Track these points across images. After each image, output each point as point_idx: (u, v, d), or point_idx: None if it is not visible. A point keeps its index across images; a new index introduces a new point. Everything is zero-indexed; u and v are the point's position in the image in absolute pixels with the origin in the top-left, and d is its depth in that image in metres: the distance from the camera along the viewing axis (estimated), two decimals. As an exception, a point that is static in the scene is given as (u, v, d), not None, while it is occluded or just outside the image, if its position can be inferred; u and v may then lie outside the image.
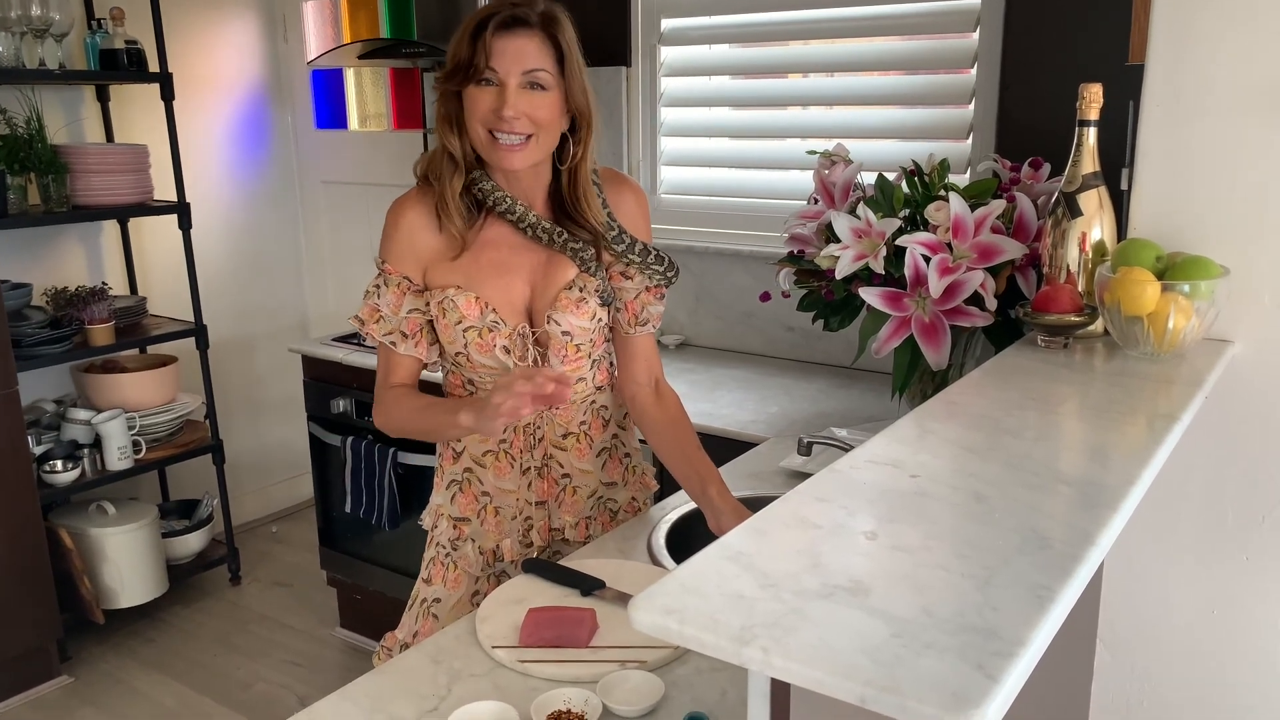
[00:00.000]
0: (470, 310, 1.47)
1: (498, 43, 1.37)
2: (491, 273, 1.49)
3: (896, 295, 1.65)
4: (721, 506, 1.50)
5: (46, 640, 2.92)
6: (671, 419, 1.62)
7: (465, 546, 1.60)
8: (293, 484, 4.08)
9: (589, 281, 1.51)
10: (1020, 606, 0.73)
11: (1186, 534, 1.43)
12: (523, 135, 1.39)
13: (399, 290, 1.50)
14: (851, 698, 0.64)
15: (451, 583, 1.60)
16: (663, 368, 1.67)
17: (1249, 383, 1.35)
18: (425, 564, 1.65)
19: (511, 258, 1.50)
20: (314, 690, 2.91)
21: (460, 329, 1.48)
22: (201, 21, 3.59)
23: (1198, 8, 1.31)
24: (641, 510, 1.71)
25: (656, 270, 1.56)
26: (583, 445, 1.60)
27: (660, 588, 0.75)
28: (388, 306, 1.50)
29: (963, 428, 1.10)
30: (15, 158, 2.88)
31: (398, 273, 1.50)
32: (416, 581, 1.65)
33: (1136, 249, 1.33)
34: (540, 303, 1.51)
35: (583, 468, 1.61)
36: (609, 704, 1.14)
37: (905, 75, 2.56)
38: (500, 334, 1.49)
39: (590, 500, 1.63)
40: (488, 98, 1.38)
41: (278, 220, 3.94)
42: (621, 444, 1.67)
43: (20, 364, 2.78)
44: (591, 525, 1.64)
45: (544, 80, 1.39)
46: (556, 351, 1.52)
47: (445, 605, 1.59)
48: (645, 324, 1.59)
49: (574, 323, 1.51)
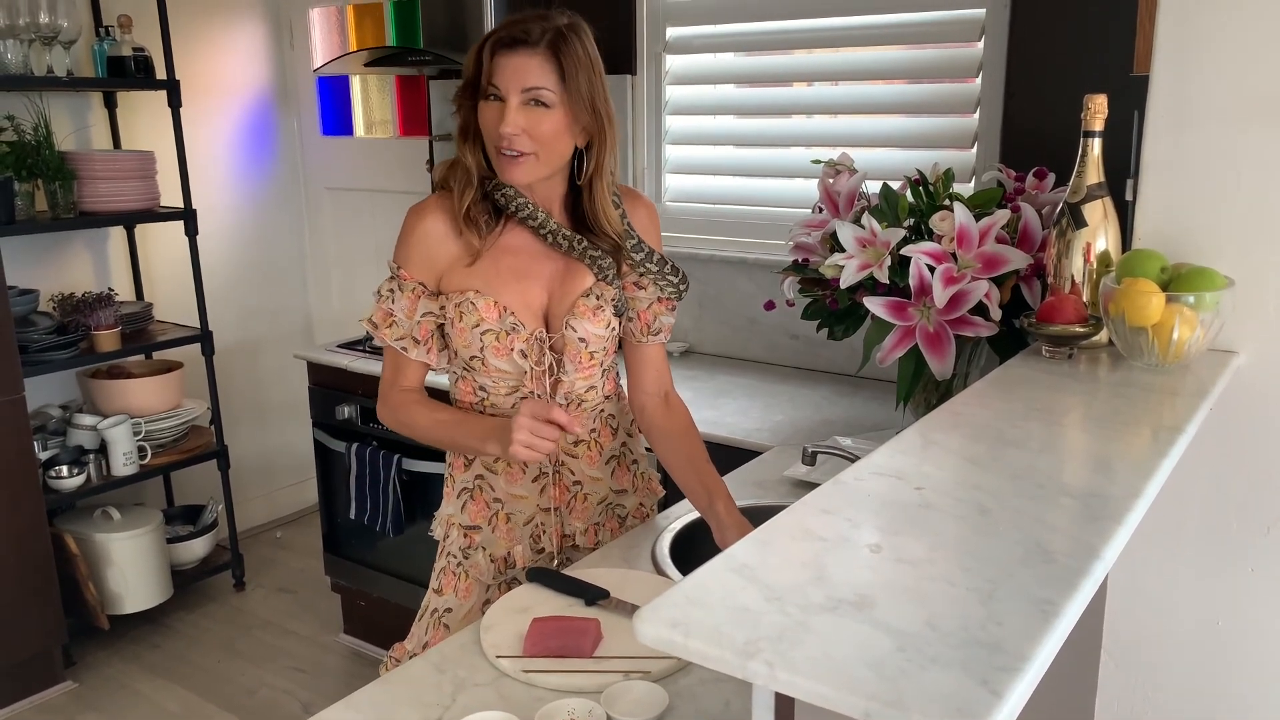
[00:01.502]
0: (489, 313, 1.49)
1: (498, 61, 1.39)
2: (510, 278, 1.50)
3: (901, 305, 1.65)
4: (728, 523, 1.51)
5: (51, 645, 2.93)
6: (681, 430, 1.65)
7: (476, 554, 1.60)
8: (297, 490, 4.09)
9: (606, 290, 1.53)
10: (1024, 620, 0.73)
11: (1191, 545, 1.42)
12: (521, 151, 1.41)
13: (413, 295, 1.51)
14: (856, 712, 0.64)
15: (463, 592, 1.60)
16: (672, 379, 1.69)
17: (1254, 394, 1.35)
18: (436, 574, 1.65)
19: (530, 264, 1.52)
20: (317, 697, 2.91)
21: (478, 332, 1.49)
22: (208, 29, 3.60)
23: (1203, 18, 1.31)
24: (649, 516, 1.72)
25: (670, 281, 1.59)
26: (593, 452, 1.62)
27: (665, 600, 0.75)
28: (402, 311, 1.52)
29: (967, 439, 1.10)
30: (23, 164, 2.89)
31: (413, 278, 1.51)
32: (427, 592, 1.65)
33: (1141, 260, 1.33)
34: (557, 309, 1.53)
35: (593, 475, 1.62)
36: (613, 714, 1.14)
37: (910, 84, 2.56)
38: (519, 337, 1.50)
39: (600, 506, 1.64)
40: (493, 113, 1.41)
41: (283, 226, 3.95)
42: (629, 451, 1.69)
43: (27, 369, 2.79)
44: (600, 531, 1.65)
45: (545, 98, 1.40)
46: (572, 358, 1.54)
47: (457, 615, 1.60)
48: (657, 334, 1.62)
49: (590, 330, 1.52)
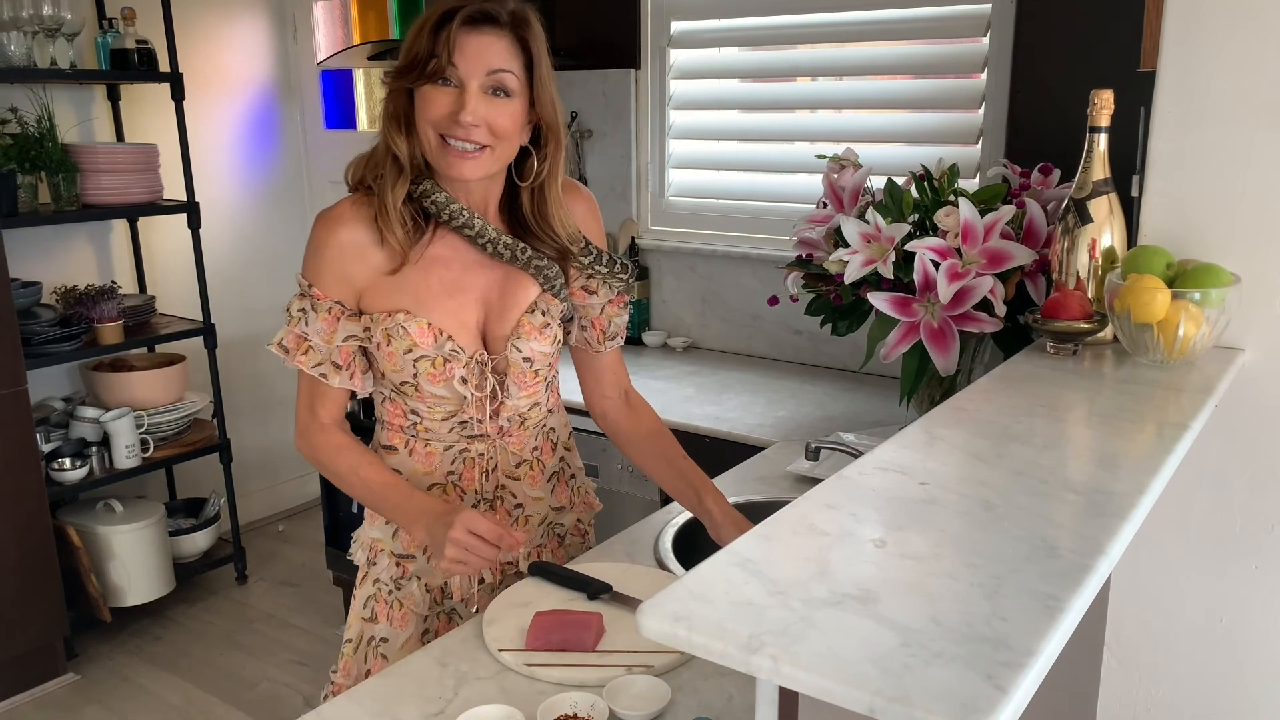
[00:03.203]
0: (423, 338, 1.34)
1: (463, 38, 1.24)
2: (442, 294, 1.35)
3: (905, 300, 1.65)
4: (720, 519, 1.45)
5: (53, 638, 2.93)
6: (650, 430, 1.55)
7: (410, 585, 1.47)
8: (299, 483, 4.09)
9: (551, 303, 1.41)
10: (1029, 616, 0.73)
11: (1195, 542, 1.42)
12: (479, 144, 1.27)
13: (330, 316, 1.35)
14: (860, 707, 0.64)
15: (398, 621, 1.47)
16: (629, 377, 1.59)
17: (1259, 391, 1.35)
18: (364, 600, 1.49)
19: (464, 276, 1.37)
20: (319, 690, 2.90)
21: (410, 358, 1.35)
22: (212, 22, 3.60)
23: (1210, 15, 1.30)
24: (587, 532, 1.62)
25: (620, 279, 1.48)
26: (535, 472, 1.51)
27: (668, 594, 0.75)
28: (318, 335, 1.35)
29: (971, 434, 1.10)
30: (26, 156, 2.89)
31: (328, 297, 1.35)
32: (351, 617, 1.51)
33: (1147, 256, 1.33)
34: (497, 326, 1.39)
35: (534, 495, 1.51)
36: (615, 708, 1.14)
37: (915, 80, 2.55)
38: (458, 363, 1.36)
39: (541, 527, 1.54)
40: (445, 99, 1.26)
41: (286, 220, 3.95)
42: (568, 465, 1.58)
43: (29, 362, 2.79)
44: (542, 554, 1.55)
45: (509, 84, 1.27)
46: (515, 379, 1.41)
47: (394, 644, 1.47)
48: (614, 338, 1.51)
49: (536, 349, 1.40)
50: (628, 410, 1.57)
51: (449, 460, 1.45)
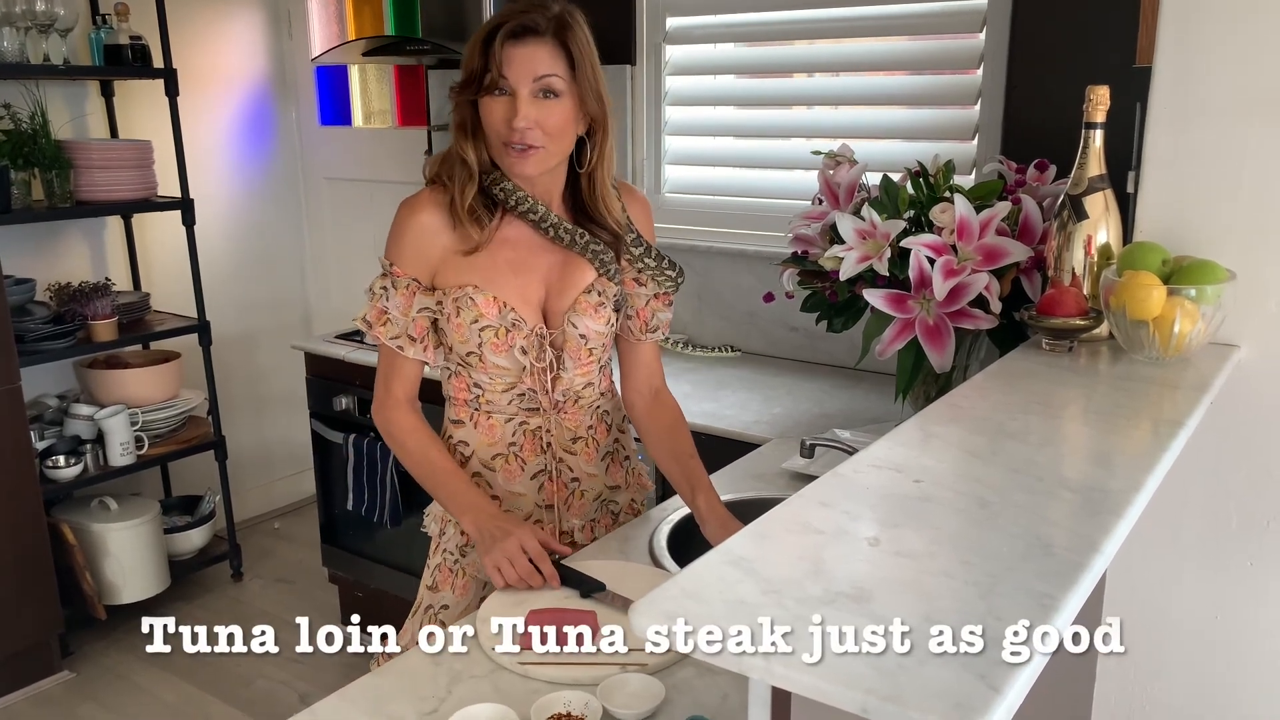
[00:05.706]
0: (489, 309, 1.48)
1: (508, 52, 1.38)
2: (509, 272, 1.49)
3: (901, 297, 1.65)
4: (707, 517, 1.52)
5: (48, 635, 2.92)
6: (669, 425, 1.65)
7: (474, 553, 1.57)
8: (295, 480, 4.08)
9: (607, 286, 1.53)
10: (1024, 614, 0.73)
11: (1190, 539, 1.42)
12: (533, 145, 1.40)
13: (408, 292, 1.49)
14: (853, 706, 0.64)
15: (460, 589, 1.59)
16: (664, 377, 1.69)
17: (1254, 388, 1.35)
18: (430, 570, 1.63)
19: (529, 258, 1.51)
20: (314, 687, 2.91)
21: (476, 328, 1.48)
22: (206, 17, 3.58)
23: (1206, 11, 1.30)
24: (640, 511, 1.72)
25: (669, 275, 1.59)
26: (590, 449, 1.61)
27: (662, 593, 0.75)
28: (396, 309, 1.49)
29: (966, 431, 1.10)
30: (19, 153, 2.87)
31: (406, 274, 1.49)
32: (420, 588, 1.64)
33: (1142, 252, 1.32)
34: (556, 304, 1.52)
35: (589, 471, 1.62)
36: (609, 707, 1.14)
37: (911, 75, 2.55)
38: (519, 333, 1.50)
39: (595, 503, 1.64)
40: (500, 107, 1.40)
41: (281, 217, 3.94)
42: (622, 447, 1.68)
43: (23, 359, 2.78)
44: (596, 528, 1.65)
45: (556, 86, 1.39)
46: (572, 354, 1.53)
47: (454, 612, 1.58)
48: (655, 330, 1.62)
49: (591, 327, 1.53)
50: (655, 404, 1.67)
51: (510, 432, 1.56)
